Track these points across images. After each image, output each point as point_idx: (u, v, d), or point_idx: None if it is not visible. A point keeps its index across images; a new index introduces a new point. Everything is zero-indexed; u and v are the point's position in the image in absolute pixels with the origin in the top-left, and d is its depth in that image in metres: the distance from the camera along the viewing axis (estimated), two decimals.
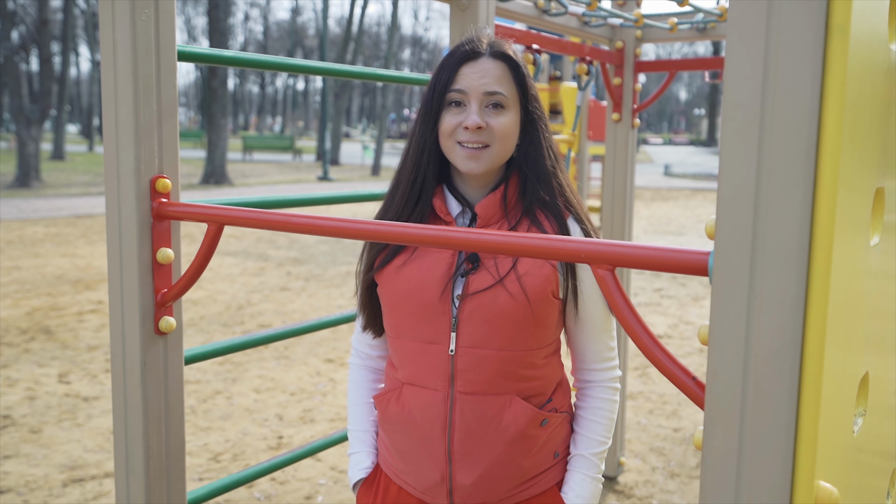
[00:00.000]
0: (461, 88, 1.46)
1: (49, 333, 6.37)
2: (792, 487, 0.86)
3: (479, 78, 1.46)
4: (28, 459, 3.99)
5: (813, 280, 0.83)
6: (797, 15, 0.81)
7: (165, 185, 1.54)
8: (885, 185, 1.06)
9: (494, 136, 1.45)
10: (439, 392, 1.46)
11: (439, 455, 1.48)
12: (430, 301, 1.45)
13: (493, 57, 1.48)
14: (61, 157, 29.68)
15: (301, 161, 34.60)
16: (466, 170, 1.46)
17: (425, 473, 1.50)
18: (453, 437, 1.46)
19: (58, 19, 32.98)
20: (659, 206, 17.94)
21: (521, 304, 1.42)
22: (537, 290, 1.43)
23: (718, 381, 0.89)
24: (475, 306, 1.43)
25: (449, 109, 1.48)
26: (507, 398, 1.46)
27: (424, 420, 1.48)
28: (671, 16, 3.41)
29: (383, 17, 74.60)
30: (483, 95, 1.45)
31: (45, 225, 12.85)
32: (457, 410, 1.45)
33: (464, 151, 1.45)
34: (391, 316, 1.52)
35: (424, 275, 1.46)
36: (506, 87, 1.47)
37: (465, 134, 1.45)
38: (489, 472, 1.47)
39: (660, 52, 66.36)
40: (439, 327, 1.46)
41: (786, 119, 0.82)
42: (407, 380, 1.51)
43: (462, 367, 1.45)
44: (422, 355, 1.48)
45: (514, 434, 1.46)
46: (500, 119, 1.46)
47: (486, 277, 1.44)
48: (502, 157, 1.49)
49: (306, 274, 9.32)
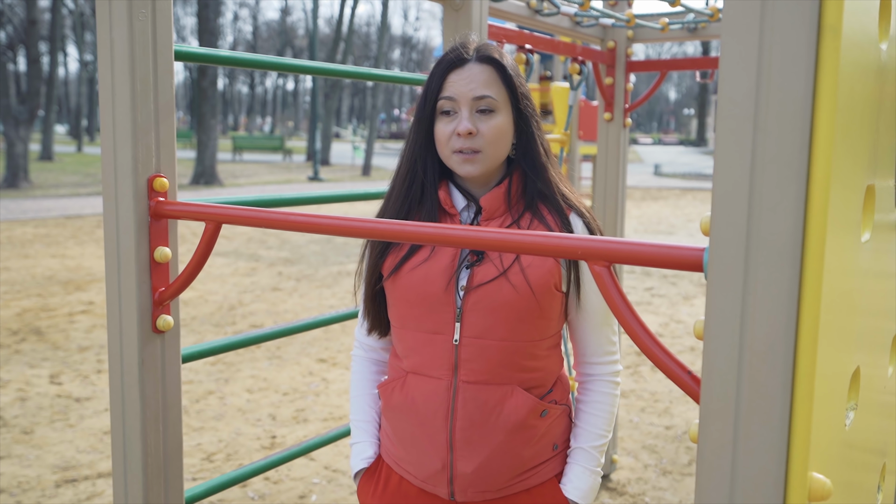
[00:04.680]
0: (450, 96, 1.50)
1: (40, 334, 6.35)
2: (786, 479, 0.88)
3: (467, 84, 1.49)
4: (20, 460, 3.98)
5: (806, 275, 0.84)
6: (790, 15, 0.82)
7: (163, 184, 1.55)
8: (876, 183, 1.08)
9: (485, 141, 1.49)
10: (442, 381, 1.50)
11: (441, 443, 1.50)
12: (436, 292, 1.48)
13: (479, 62, 1.51)
14: (50, 157, 29.50)
15: (291, 161, 34.52)
16: (464, 173, 1.51)
17: (426, 461, 1.53)
18: (455, 426, 1.49)
19: (46, 19, 32.78)
20: (649, 205, 18.00)
21: (524, 296, 1.45)
22: (540, 282, 1.46)
23: (713, 375, 0.90)
24: (479, 297, 1.47)
25: (441, 119, 1.52)
26: (508, 388, 1.49)
27: (427, 408, 1.51)
28: (662, 16, 3.43)
29: (373, 17, 74.50)
30: (472, 101, 1.49)
31: (35, 226, 12.78)
32: (459, 399, 1.48)
33: (459, 157, 1.50)
34: (396, 307, 1.55)
35: (429, 266, 1.50)
36: (494, 90, 1.50)
37: (459, 141, 1.49)
38: (489, 460, 1.50)
39: (649, 52, 66.52)
40: (444, 318, 1.49)
41: (779, 117, 0.83)
42: (411, 369, 1.54)
43: (466, 356, 1.48)
44: (426, 345, 1.51)
45: (515, 423, 1.49)
46: (491, 122, 1.49)
47: (490, 269, 1.47)
48: (497, 159, 1.52)
49: (297, 274, 9.31)
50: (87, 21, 41.95)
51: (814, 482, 0.88)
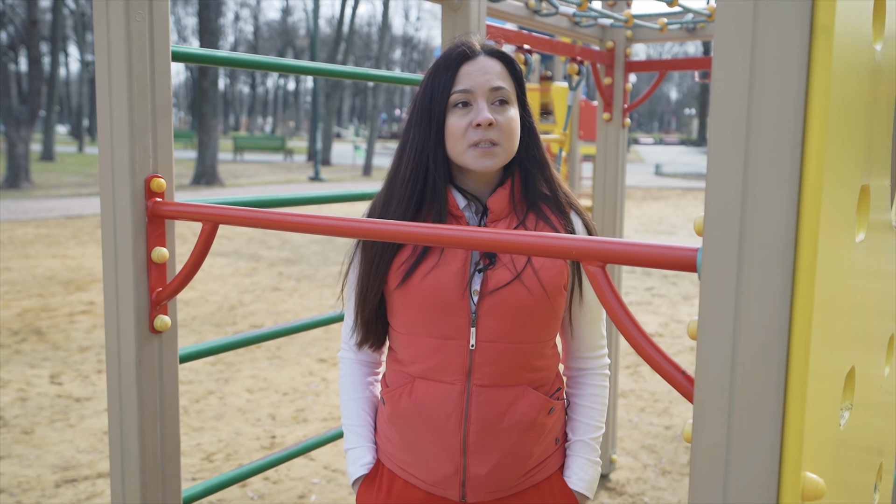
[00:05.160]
0: (466, 88, 1.46)
1: (40, 334, 6.36)
2: (779, 478, 0.88)
3: (483, 75, 1.47)
4: (20, 460, 3.99)
5: (799, 275, 0.84)
6: (783, 15, 0.83)
7: (160, 184, 1.55)
8: (871, 183, 1.08)
9: (503, 132, 1.46)
10: (455, 385, 1.48)
11: (454, 447, 1.49)
12: (450, 298, 1.46)
13: (489, 55, 1.50)
14: (51, 157, 29.54)
15: (292, 161, 34.55)
16: (481, 168, 1.46)
17: (437, 466, 1.51)
18: (469, 430, 1.48)
19: (47, 20, 32.83)
20: (650, 205, 18.00)
21: (538, 298, 1.45)
22: (553, 284, 1.47)
23: (707, 375, 0.90)
24: (494, 301, 1.45)
25: (454, 112, 1.47)
26: (520, 389, 1.49)
27: (439, 413, 1.49)
28: (661, 16, 3.43)
29: (374, 17, 74.51)
30: (489, 92, 1.46)
31: (36, 226, 12.79)
32: (473, 403, 1.48)
33: (476, 151, 1.45)
34: (404, 314, 1.51)
35: (440, 272, 1.46)
36: (507, 83, 1.50)
37: (477, 133, 1.44)
38: (503, 461, 1.50)
39: (650, 52, 66.49)
40: (458, 323, 1.46)
41: (772, 117, 0.84)
42: (420, 374, 1.51)
43: (481, 360, 1.47)
44: (438, 351, 1.48)
45: (527, 423, 1.50)
46: (508, 114, 1.48)
47: (504, 273, 1.46)
48: (510, 154, 1.50)
49: (298, 274, 9.31)
50: (89, 21, 41.98)
51: (807, 482, 0.88)
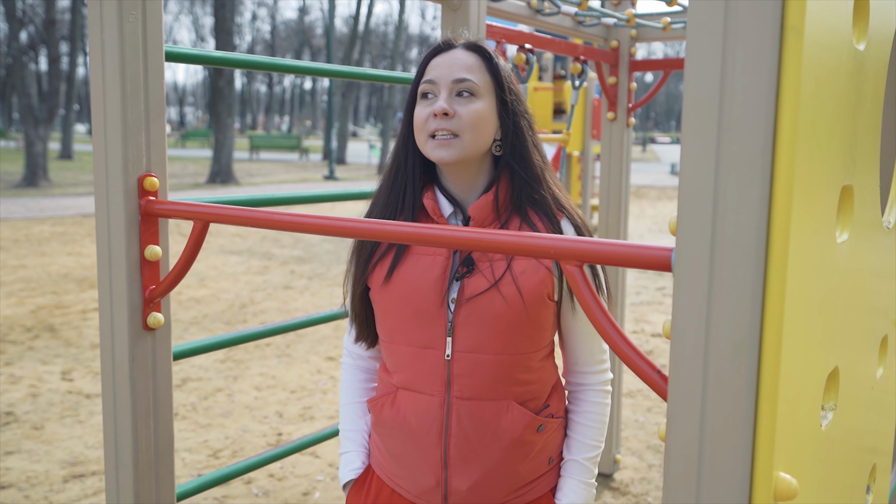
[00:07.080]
0: (430, 79, 1.45)
1: (53, 331, 6.42)
2: (752, 478, 0.88)
3: (448, 67, 1.44)
4: (30, 455, 4.03)
5: (770, 275, 0.84)
6: (753, 16, 0.83)
7: (153, 183, 1.57)
8: (854, 183, 1.07)
9: (463, 124, 1.41)
10: (435, 397, 1.45)
11: (435, 460, 1.47)
12: (426, 306, 1.43)
13: (465, 49, 1.48)
14: (69, 156, 29.83)
15: (308, 160, 34.66)
16: (437, 158, 1.43)
17: (420, 478, 1.49)
18: (449, 443, 1.45)
19: (66, 19, 33.12)
20: (664, 204, 17.93)
21: (516, 308, 1.40)
22: (533, 292, 1.41)
23: (680, 374, 0.91)
24: (471, 310, 1.41)
25: (420, 103, 1.46)
26: (504, 403, 1.45)
27: (420, 425, 1.46)
28: (664, 15, 3.42)
29: (390, 16, 74.59)
30: (451, 83, 1.43)
31: (52, 224, 12.92)
32: (453, 416, 1.44)
33: (434, 142, 1.42)
34: (385, 321, 1.50)
35: (419, 279, 1.44)
36: (477, 76, 1.44)
37: (435, 122, 1.41)
38: (485, 477, 1.46)
39: (668, 51, 66.16)
40: (435, 332, 1.44)
41: (742, 117, 0.84)
42: (402, 384, 1.50)
43: (458, 371, 1.43)
44: (417, 360, 1.46)
45: (511, 440, 1.45)
46: (470, 106, 1.42)
47: (481, 281, 1.42)
48: (476, 147, 1.44)
49: (310, 272, 9.35)
50: None
51: (780, 482, 0.88)
